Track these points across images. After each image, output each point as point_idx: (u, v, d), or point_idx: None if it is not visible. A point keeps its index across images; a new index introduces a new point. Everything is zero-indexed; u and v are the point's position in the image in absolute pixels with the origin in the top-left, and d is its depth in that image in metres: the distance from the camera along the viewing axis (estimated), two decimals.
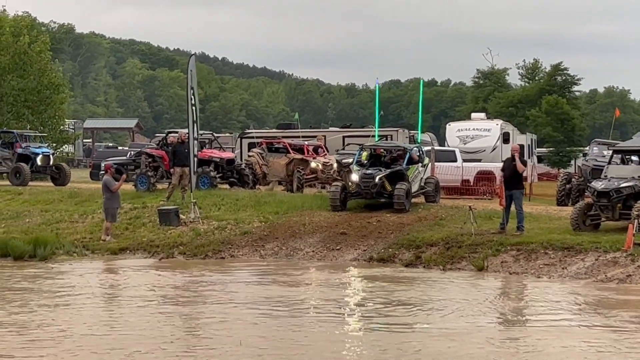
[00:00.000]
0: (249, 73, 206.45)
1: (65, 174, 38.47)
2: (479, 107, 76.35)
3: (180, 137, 31.10)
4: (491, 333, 15.69)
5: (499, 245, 23.24)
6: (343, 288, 21.00)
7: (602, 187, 23.93)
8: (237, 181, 34.54)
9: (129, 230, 27.84)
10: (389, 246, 24.64)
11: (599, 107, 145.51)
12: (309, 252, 25.15)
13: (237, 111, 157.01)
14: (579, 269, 21.48)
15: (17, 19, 52.55)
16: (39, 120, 47.06)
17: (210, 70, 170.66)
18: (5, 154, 38.44)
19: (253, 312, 17.36)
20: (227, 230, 27.14)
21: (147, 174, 33.13)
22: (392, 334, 15.40)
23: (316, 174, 35.00)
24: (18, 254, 25.32)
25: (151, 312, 17.44)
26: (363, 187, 28.16)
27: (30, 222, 29.48)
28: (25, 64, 46.94)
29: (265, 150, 36.38)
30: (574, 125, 70.49)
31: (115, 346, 14.29)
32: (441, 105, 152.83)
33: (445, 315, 17.12)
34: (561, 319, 16.65)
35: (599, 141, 35.60)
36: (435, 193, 30.40)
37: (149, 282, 21.32)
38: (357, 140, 39.71)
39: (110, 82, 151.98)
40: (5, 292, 19.78)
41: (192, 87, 29.82)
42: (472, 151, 42.56)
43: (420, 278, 21.68)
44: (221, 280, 21.68)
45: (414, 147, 31.24)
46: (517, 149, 25.64)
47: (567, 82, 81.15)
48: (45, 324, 16.13)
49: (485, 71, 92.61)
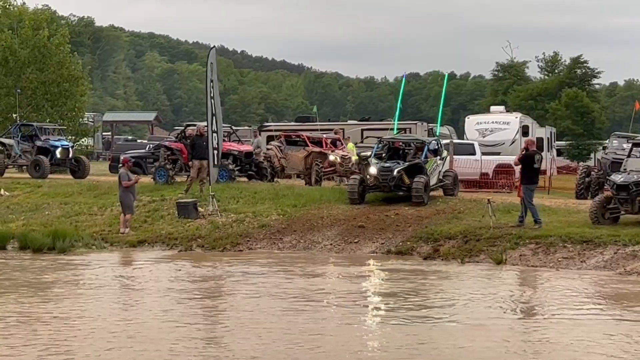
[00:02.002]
0: (268, 66, 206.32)
1: (85, 167, 38.58)
2: (498, 100, 76.07)
3: (199, 130, 31.14)
4: (508, 326, 15.66)
5: (518, 238, 23.18)
6: (361, 281, 20.98)
7: (621, 180, 23.82)
8: (256, 174, 34.56)
9: (148, 223, 27.92)
10: (407, 239, 24.62)
11: (618, 100, 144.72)
12: (327, 245, 25.16)
13: (256, 104, 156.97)
14: (597, 262, 21.42)
15: (36, 13, 52.68)
16: (59, 113, 47.12)
17: (229, 63, 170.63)
18: (25, 146, 38.56)
19: (272, 305, 17.37)
20: (245, 223, 27.17)
21: (166, 167, 33.16)
22: (410, 327, 15.37)
23: (334, 167, 34.98)
24: (37, 247, 25.42)
25: (172, 303, 17.49)
26: (381, 180, 28.11)
27: (49, 215, 29.60)
28: (44, 57, 47.00)
29: (284, 143, 36.38)
30: (594, 119, 70.27)
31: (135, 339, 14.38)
32: (460, 98, 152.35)
33: (462, 308, 17.11)
34: (579, 312, 16.61)
35: (618, 134, 35.45)
36: (453, 186, 30.31)
37: (168, 275, 21.41)
38: (376, 134, 39.64)
39: (129, 75, 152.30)
40: (40, 285, 19.91)
41: (212, 79, 29.86)
42: (491, 144, 42.40)
43: (439, 271, 21.66)
44: (240, 272, 21.71)
45: (432, 140, 31.17)
46: (530, 142, 25.53)
47: (587, 75, 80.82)
48: (75, 316, 16.23)
49: (505, 64, 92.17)
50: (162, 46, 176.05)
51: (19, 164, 39.40)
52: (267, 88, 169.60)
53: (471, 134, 44.63)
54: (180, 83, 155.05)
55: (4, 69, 46.12)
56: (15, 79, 45.83)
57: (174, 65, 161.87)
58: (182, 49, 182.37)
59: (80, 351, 13.53)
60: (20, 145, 38.63)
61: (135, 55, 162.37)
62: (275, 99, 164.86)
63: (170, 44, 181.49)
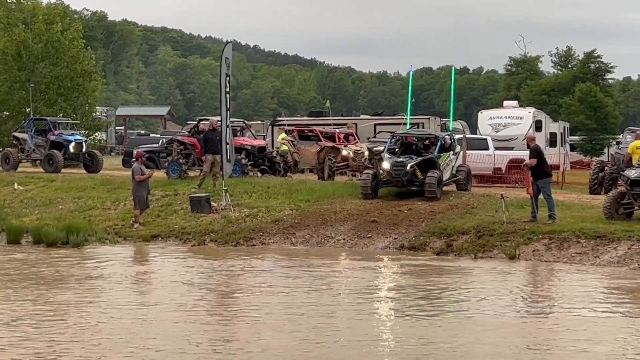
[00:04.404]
0: (281, 61, 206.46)
1: (98, 161, 38.67)
2: (511, 95, 76.00)
3: (212, 125, 31.17)
4: (522, 321, 15.66)
5: (531, 233, 23.11)
6: (374, 276, 20.98)
7: (635, 175, 23.71)
8: (269, 169, 34.57)
9: (161, 218, 27.95)
10: (420, 234, 24.58)
11: (632, 94, 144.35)
12: (340, 240, 25.14)
13: (269, 99, 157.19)
14: (611, 257, 21.35)
15: (50, 7, 52.83)
16: (72, 108, 47.20)
17: (242, 57, 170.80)
18: (39, 141, 38.68)
19: (286, 300, 17.40)
20: (258, 217, 27.18)
21: (179, 162, 33.20)
22: (424, 322, 15.37)
23: (347, 162, 34.96)
24: (51, 241, 25.48)
25: (185, 297, 17.54)
26: (394, 175, 28.06)
27: (63, 209, 29.67)
28: (57, 51, 47.05)
29: (297, 138, 36.38)
30: (607, 113, 70.08)
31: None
32: (473, 93, 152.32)
33: (476, 303, 17.09)
34: (593, 308, 16.56)
35: (632, 129, 35.26)
36: (466, 181, 30.22)
37: (182, 269, 21.46)
38: (389, 128, 39.56)
39: (142, 69, 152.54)
40: (65, 279, 19.98)
41: (227, 74, 29.88)
42: (504, 139, 42.29)
43: (452, 266, 21.64)
44: (252, 267, 21.73)
45: (445, 135, 31.11)
46: (530, 139, 25.57)
47: (601, 70, 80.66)
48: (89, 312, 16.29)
49: (518, 59, 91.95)
50: (175, 40, 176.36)
51: (33, 158, 39.52)
52: (280, 82, 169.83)
53: (484, 129, 44.54)
54: (193, 77, 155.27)
55: (18, 63, 46.21)
56: (29, 74, 45.91)
57: (186, 60, 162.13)
58: (195, 44, 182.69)
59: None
60: (33, 139, 38.76)
61: (148, 49, 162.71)
62: (288, 93, 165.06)
63: (183, 39, 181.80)
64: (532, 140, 25.49)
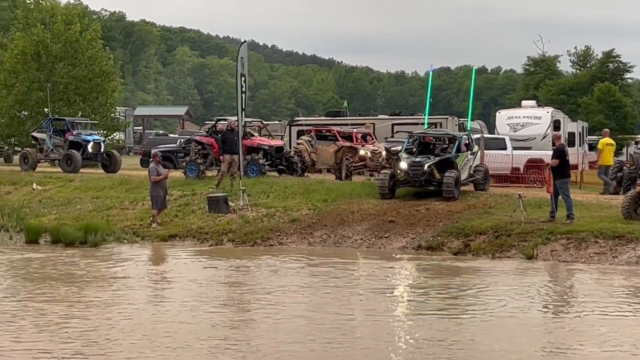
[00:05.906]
0: (298, 60, 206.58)
1: (116, 161, 38.81)
2: (529, 95, 75.71)
3: (230, 125, 31.20)
4: (541, 321, 15.65)
5: (549, 233, 23.05)
6: (391, 276, 20.97)
7: None
8: (286, 169, 34.59)
9: (179, 217, 28.01)
10: (437, 234, 24.55)
11: None
12: (358, 239, 25.13)
13: (286, 99, 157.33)
14: (630, 257, 21.28)
15: (68, 7, 52.92)
16: (90, 108, 47.30)
17: (259, 57, 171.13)
18: (57, 141, 38.86)
19: (303, 300, 17.42)
20: (275, 217, 27.20)
21: (197, 162, 33.26)
22: (442, 322, 15.37)
23: (365, 162, 34.93)
24: (69, 240, 25.57)
25: (202, 297, 17.57)
26: (412, 175, 28.02)
27: (81, 209, 29.77)
28: (76, 52, 47.19)
29: (314, 137, 36.37)
30: (626, 113, 69.80)
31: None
32: (491, 92, 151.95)
33: (494, 303, 17.06)
34: (611, 308, 16.51)
35: None
36: (484, 181, 30.15)
37: (199, 269, 21.50)
38: (406, 128, 39.50)
39: (160, 69, 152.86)
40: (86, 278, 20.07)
41: (242, 74, 29.93)
42: (522, 139, 42.12)
43: (469, 267, 21.60)
44: (270, 266, 21.75)
45: (463, 135, 31.05)
46: (556, 137, 25.56)
47: (619, 70, 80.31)
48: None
49: (536, 58, 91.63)
50: (193, 41, 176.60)
51: (51, 158, 39.68)
52: (298, 82, 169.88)
53: (502, 129, 44.37)
54: (211, 77, 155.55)
55: (37, 63, 46.38)
56: (48, 74, 46.08)
57: (204, 60, 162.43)
58: (213, 44, 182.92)
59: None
60: (52, 139, 38.93)
61: (166, 49, 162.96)
62: (306, 93, 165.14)
63: (201, 39, 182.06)
64: (557, 138, 25.42)
